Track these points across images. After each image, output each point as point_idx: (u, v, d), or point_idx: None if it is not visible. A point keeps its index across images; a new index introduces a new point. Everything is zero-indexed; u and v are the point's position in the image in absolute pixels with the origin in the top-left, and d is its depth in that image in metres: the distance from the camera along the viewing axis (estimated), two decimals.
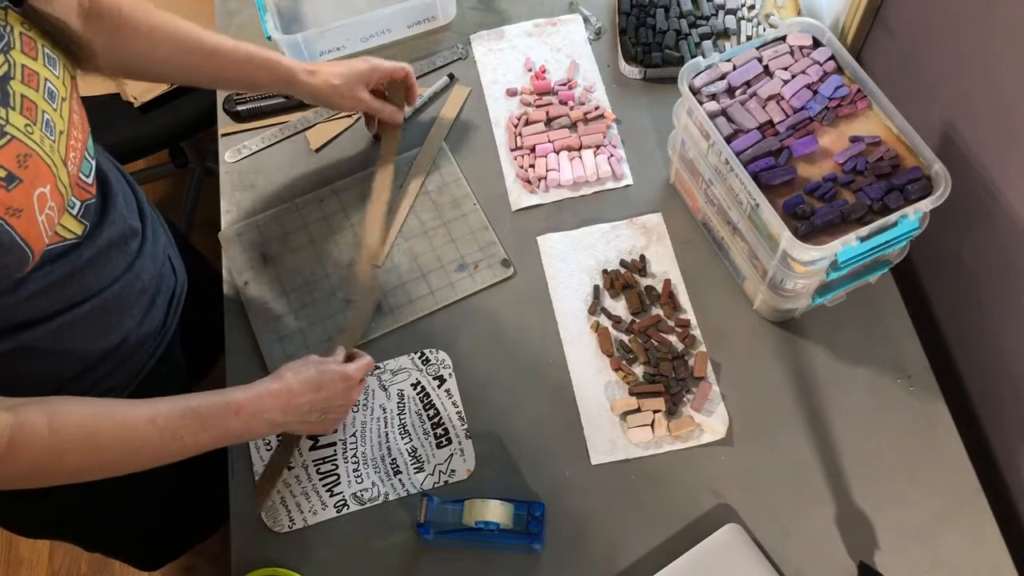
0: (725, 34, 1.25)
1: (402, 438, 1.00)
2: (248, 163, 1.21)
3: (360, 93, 1.09)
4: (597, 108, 1.20)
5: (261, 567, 0.93)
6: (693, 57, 1.07)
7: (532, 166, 1.17)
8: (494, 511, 0.88)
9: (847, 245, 0.88)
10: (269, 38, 1.28)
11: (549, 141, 1.18)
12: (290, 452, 0.99)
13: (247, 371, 1.05)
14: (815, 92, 0.98)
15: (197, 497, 1.19)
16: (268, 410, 0.86)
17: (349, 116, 1.24)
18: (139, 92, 1.62)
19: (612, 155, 1.17)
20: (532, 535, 0.90)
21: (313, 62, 1.10)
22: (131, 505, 1.10)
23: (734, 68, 1.00)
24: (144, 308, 0.93)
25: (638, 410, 1.00)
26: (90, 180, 0.82)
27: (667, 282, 1.08)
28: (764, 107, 0.98)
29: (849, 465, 0.97)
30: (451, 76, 1.27)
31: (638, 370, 1.03)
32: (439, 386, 1.03)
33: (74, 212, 0.79)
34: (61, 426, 0.74)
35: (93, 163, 0.83)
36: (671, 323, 1.05)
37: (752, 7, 1.26)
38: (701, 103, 0.98)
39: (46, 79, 0.73)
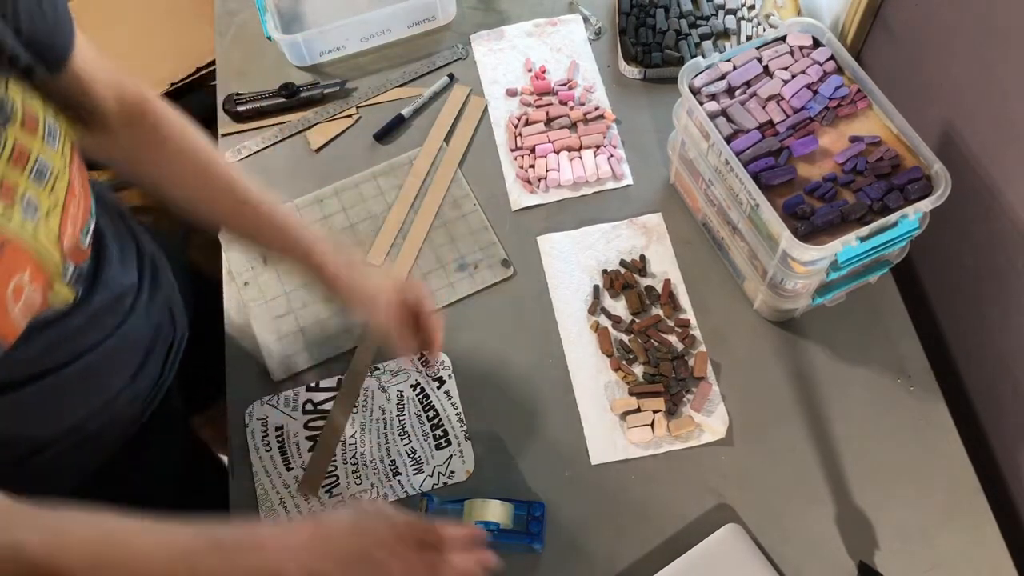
0: (725, 34, 1.25)
1: (401, 439, 1.00)
2: (248, 163, 1.21)
3: (380, 300, 0.91)
4: (597, 108, 1.20)
5: None
6: (693, 57, 1.07)
7: (532, 166, 1.17)
8: (494, 511, 0.88)
9: (847, 245, 0.88)
10: (269, 38, 1.28)
11: (549, 141, 1.18)
12: (333, 444, 1.00)
13: (247, 372, 1.05)
14: (815, 92, 0.98)
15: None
16: (293, 549, 0.69)
17: (349, 116, 1.24)
18: None
19: (612, 155, 1.17)
20: (532, 535, 0.90)
21: (350, 260, 0.92)
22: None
23: (734, 68, 1.00)
24: (137, 364, 0.88)
25: (638, 410, 1.00)
26: (87, 243, 0.77)
27: (667, 282, 1.08)
28: (764, 107, 0.98)
29: (849, 465, 0.97)
30: (451, 76, 1.27)
31: (638, 370, 1.03)
32: (438, 387, 1.03)
33: (67, 279, 0.72)
34: (60, 554, 0.64)
35: (93, 223, 0.78)
36: (671, 323, 1.05)
37: (752, 7, 1.26)
38: (701, 103, 0.98)
39: (38, 155, 0.67)
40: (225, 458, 1.04)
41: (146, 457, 0.94)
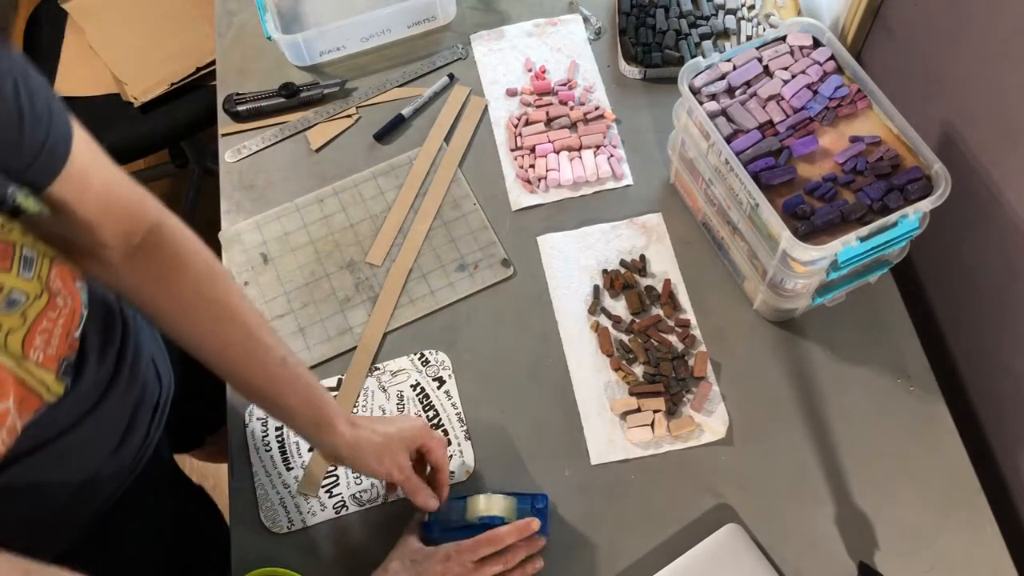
0: (725, 34, 1.25)
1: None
2: (248, 163, 1.21)
3: (402, 458, 0.88)
4: (597, 108, 1.20)
5: (260, 567, 0.93)
6: (693, 57, 1.07)
7: (532, 166, 1.17)
8: (497, 505, 0.88)
9: (847, 245, 0.88)
10: (269, 38, 1.28)
11: (549, 141, 1.18)
12: None
13: None
14: (815, 92, 0.98)
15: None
16: None
17: (349, 116, 1.24)
18: (139, 92, 1.62)
19: (612, 155, 1.17)
20: None
21: (357, 416, 0.88)
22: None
23: (734, 68, 1.00)
24: (120, 436, 0.84)
25: (638, 410, 1.00)
26: (78, 335, 0.73)
27: (667, 282, 1.08)
28: (764, 107, 0.98)
29: (849, 465, 0.97)
30: (451, 76, 1.27)
31: (638, 370, 1.03)
32: (439, 387, 1.03)
33: (58, 375, 0.70)
34: None
35: (86, 314, 0.74)
36: (671, 323, 1.05)
37: (752, 7, 1.26)
38: (701, 103, 0.98)
39: (11, 289, 0.63)
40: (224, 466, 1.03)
41: (136, 508, 0.92)
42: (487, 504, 0.89)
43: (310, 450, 1.00)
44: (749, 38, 1.24)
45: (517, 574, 0.88)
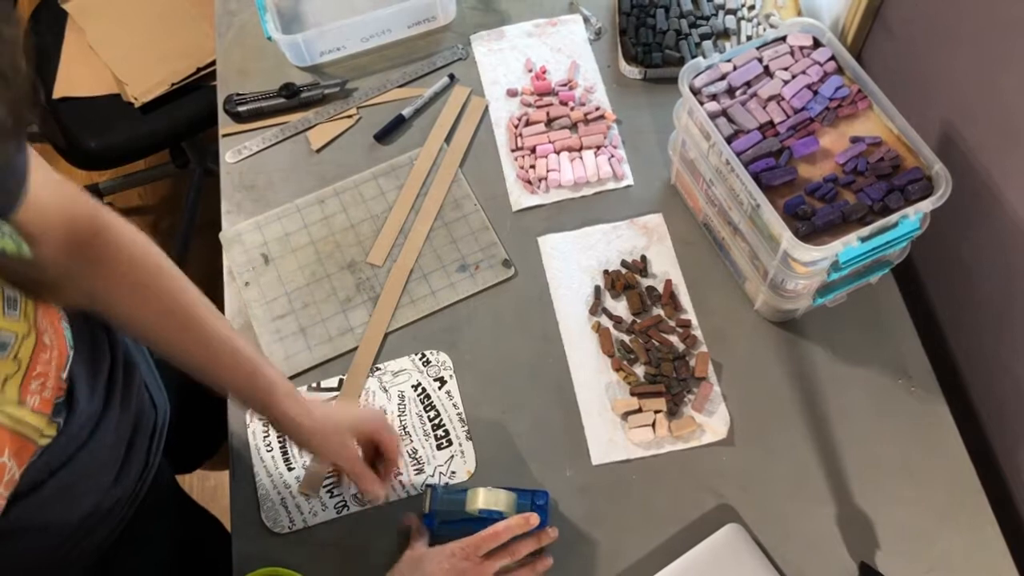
0: (725, 34, 1.25)
1: (402, 440, 1.00)
2: (249, 163, 1.21)
3: (349, 440, 0.89)
4: (598, 108, 1.20)
5: (261, 567, 0.93)
6: (693, 57, 1.07)
7: (533, 167, 1.17)
8: (498, 499, 0.89)
9: (848, 245, 0.88)
10: (269, 38, 1.28)
11: (550, 142, 1.18)
12: None
13: None
14: (815, 92, 0.98)
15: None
16: None
17: (349, 116, 1.24)
18: (140, 92, 1.62)
19: (613, 155, 1.17)
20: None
21: (304, 396, 0.89)
22: None
23: (734, 68, 1.00)
24: (117, 468, 0.83)
25: (639, 410, 1.00)
26: (66, 376, 0.72)
27: (668, 282, 1.08)
28: (765, 107, 0.98)
29: (850, 465, 0.97)
30: (451, 76, 1.27)
31: (639, 370, 1.03)
32: (440, 387, 1.03)
33: (49, 416, 0.69)
34: None
35: (72, 354, 0.73)
36: (672, 323, 1.05)
37: (752, 7, 1.26)
38: (702, 103, 0.98)
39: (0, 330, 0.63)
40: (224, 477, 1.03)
41: (139, 538, 0.91)
42: (487, 498, 0.89)
43: None
44: (749, 38, 1.24)
45: (526, 572, 0.89)
